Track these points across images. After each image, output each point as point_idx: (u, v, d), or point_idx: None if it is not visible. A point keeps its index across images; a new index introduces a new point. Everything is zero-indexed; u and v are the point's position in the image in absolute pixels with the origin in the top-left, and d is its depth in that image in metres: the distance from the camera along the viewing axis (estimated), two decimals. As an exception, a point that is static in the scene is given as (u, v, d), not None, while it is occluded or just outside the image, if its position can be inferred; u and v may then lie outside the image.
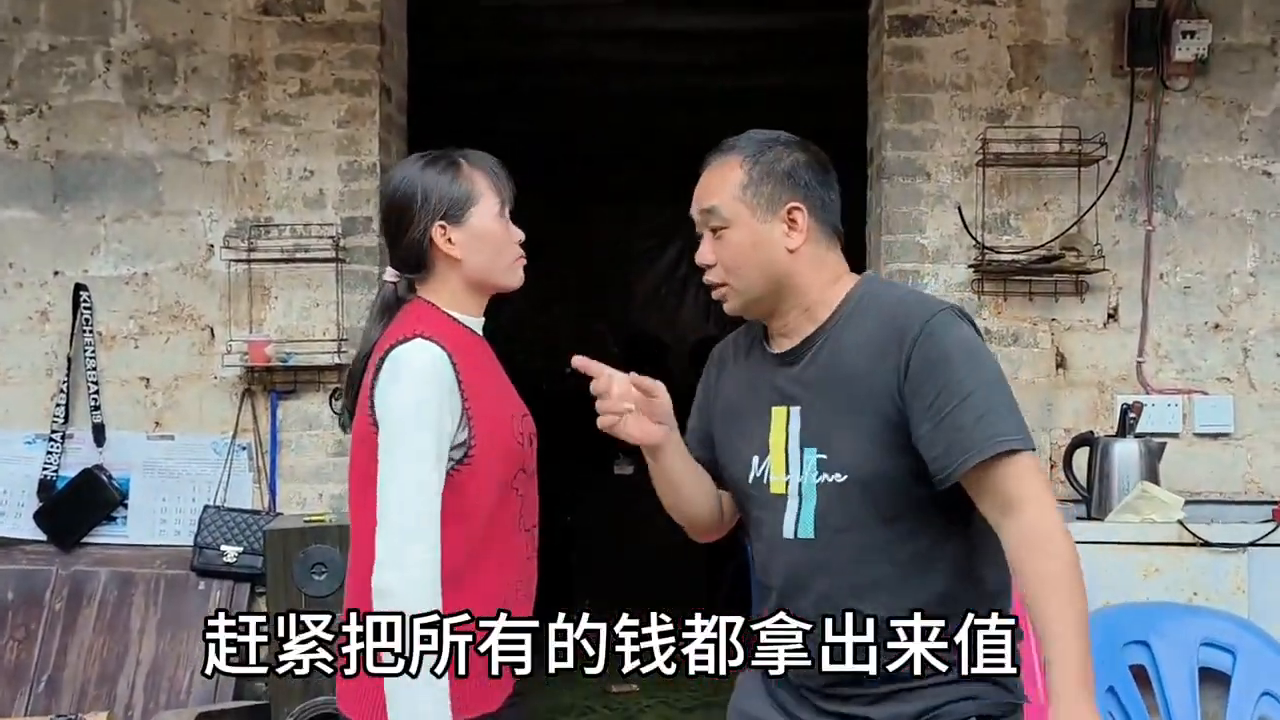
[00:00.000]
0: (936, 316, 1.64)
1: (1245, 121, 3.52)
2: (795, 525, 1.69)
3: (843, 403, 1.67)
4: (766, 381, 1.76)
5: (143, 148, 3.68)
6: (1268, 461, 3.50)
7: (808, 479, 1.68)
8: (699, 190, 1.76)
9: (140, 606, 3.54)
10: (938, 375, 1.60)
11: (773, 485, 1.72)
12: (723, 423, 1.83)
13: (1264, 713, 2.81)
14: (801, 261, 1.72)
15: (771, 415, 1.73)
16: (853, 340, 1.69)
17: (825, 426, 1.68)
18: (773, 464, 1.72)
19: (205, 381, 3.67)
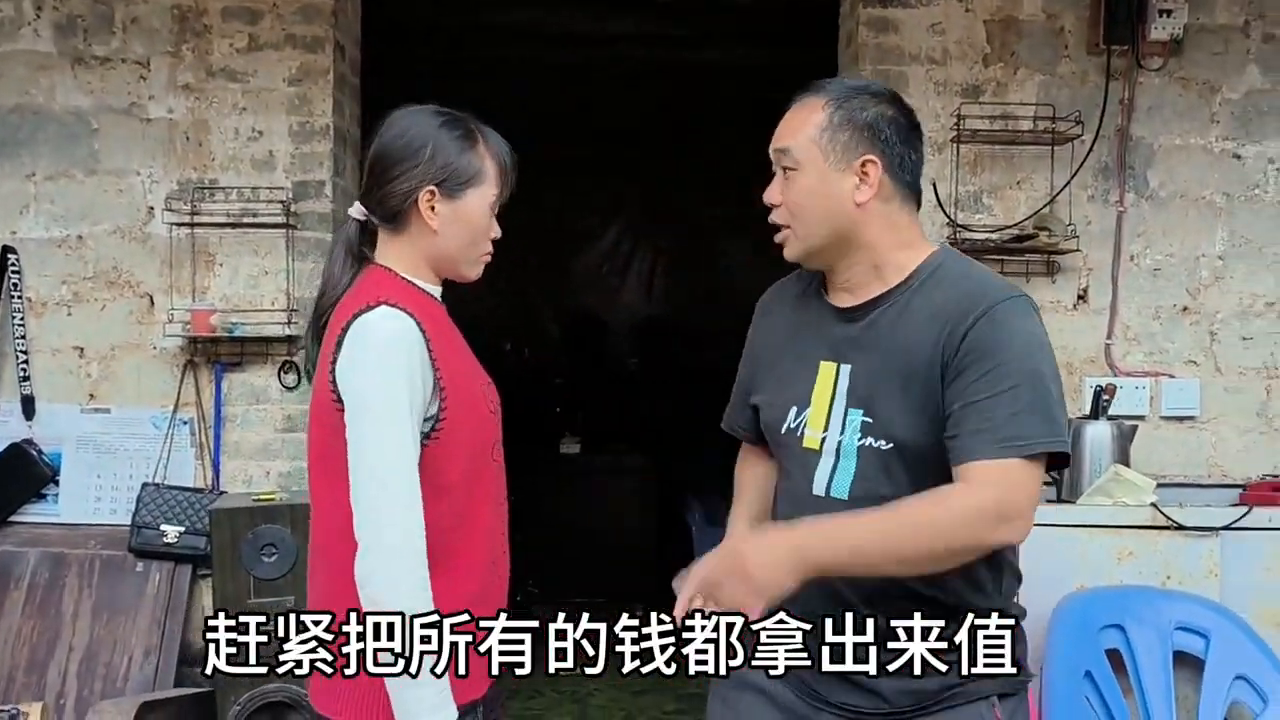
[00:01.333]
0: (1006, 302, 1.59)
1: (1217, 103, 3.50)
2: (828, 483, 1.66)
3: (898, 370, 1.62)
4: (819, 332, 1.72)
5: (77, 101, 3.45)
6: (1231, 446, 3.51)
7: (849, 439, 1.65)
8: (779, 128, 1.70)
9: (73, 589, 3.34)
10: (986, 360, 1.55)
11: (806, 439, 1.69)
12: (764, 367, 1.80)
13: (1237, 696, 2.80)
14: (869, 216, 1.65)
15: (819, 369, 1.69)
16: (922, 310, 1.63)
17: (875, 390, 1.64)
18: (810, 418, 1.69)
19: (144, 352, 3.47)
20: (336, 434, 1.64)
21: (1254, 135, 3.50)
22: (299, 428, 3.47)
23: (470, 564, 1.68)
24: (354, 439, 1.60)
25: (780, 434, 1.73)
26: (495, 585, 1.76)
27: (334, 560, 1.65)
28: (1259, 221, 3.51)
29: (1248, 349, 3.51)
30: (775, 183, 1.70)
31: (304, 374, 1.78)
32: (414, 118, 1.75)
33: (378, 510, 1.58)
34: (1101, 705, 2.78)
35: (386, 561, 1.57)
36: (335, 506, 1.65)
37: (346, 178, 3.63)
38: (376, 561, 1.57)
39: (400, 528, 1.58)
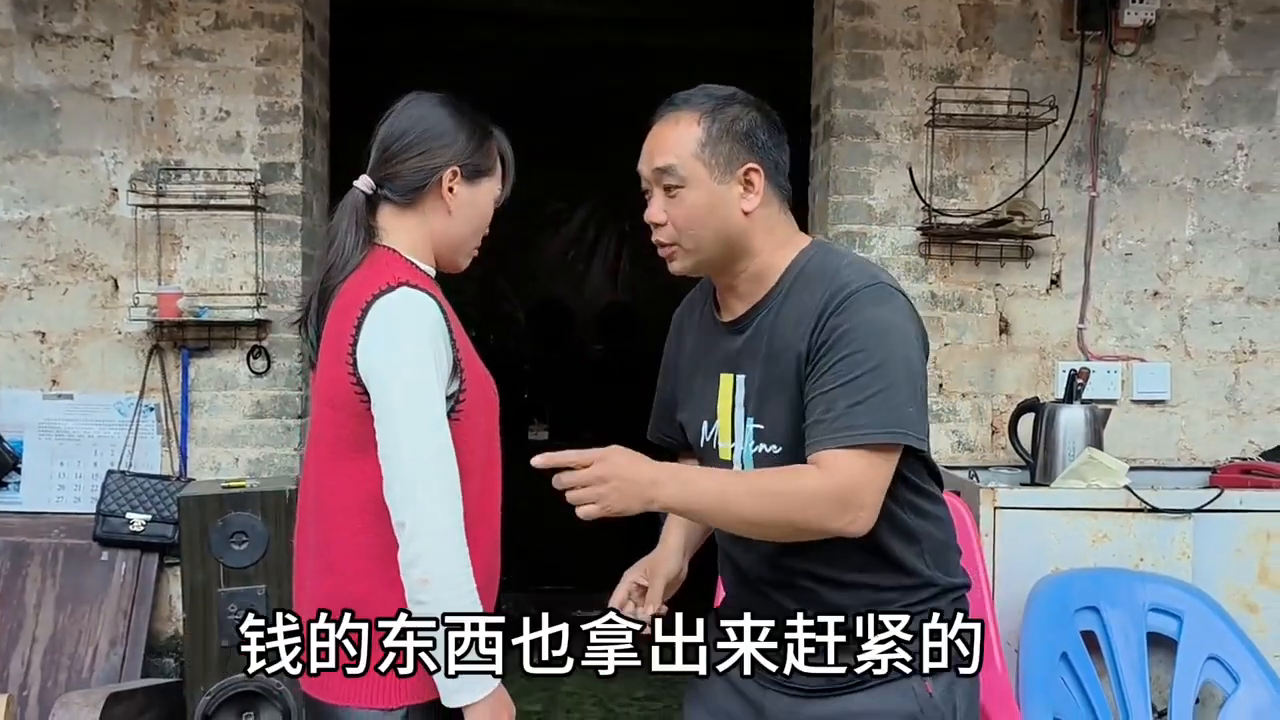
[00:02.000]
0: (860, 291, 1.59)
1: (1188, 89, 3.53)
2: None
3: (776, 374, 1.65)
4: (716, 346, 1.75)
5: (37, 80, 3.37)
6: (1200, 429, 3.55)
7: (746, 448, 1.68)
8: (652, 145, 1.69)
9: (36, 578, 3.27)
10: (838, 348, 1.57)
11: (721, 451, 1.72)
12: (680, 385, 1.84)
13: (1209, 676, 2.82)
14: (755, 224, 1.67)
15: (720, 381, 1.72)
16: (791, 312, 1.65)
17: (762, 397, 1.67)
18: (720, 430, 1.72)
19: (108, 337, 3.40)
20: (355, 418, 1.61)
21: (1224, 121, 3.53)
22: (268, 414, 3.42)
23: (481, 553, 1.66)
24: (388, 421, 1.58)
25: (700, 448, 1.77)
26: (496, 578, 1.75)
27: (348, 553, 1.63)
28: (1228, 207, 3.54)
29: (1216, 333, 3.55)
30: (656, 201, 1.68)
31: (312, 347, 1.73)
32: (437, 101, 1.76)
33: (426, 490, 1.57)
34: (1077, 686, 2.79)
35: (436, 542, 1.56)
36: (350, 491, 1.62)
37: (316, 160, 3.57)
38: (426, 543, 1.56)
39: (448, 508, 1.58)
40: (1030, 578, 2.92)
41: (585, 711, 4.10)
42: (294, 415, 3.43)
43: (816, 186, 3.68)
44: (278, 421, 3.42)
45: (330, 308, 1.68)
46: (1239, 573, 2.97)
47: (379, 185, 1.72)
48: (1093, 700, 2.77)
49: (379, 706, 1.62)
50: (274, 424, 3.42)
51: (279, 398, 3.42)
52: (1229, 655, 2.81)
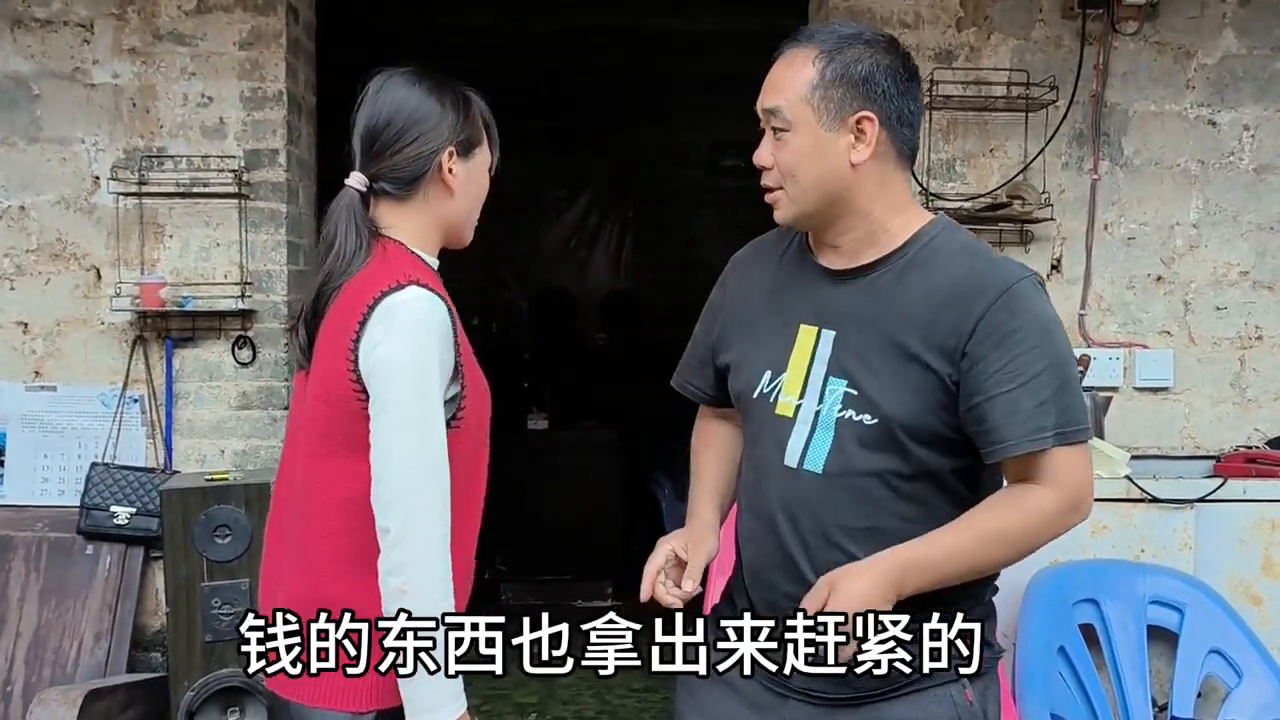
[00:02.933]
0: (1020, 283, 1.51)
1: (1192, 69, 3.44)
2: (801, 455, 1.56)
3: (890, 343, 1.52)
4: (803, 294, 1.61)
5: (16, 66, 3.31)
6: (1204, 416, 3.47)
7: (828, 410, 1.55)
8: (766, 84, 1.57)
9: (19, 573, 3.23)
10: (1007, 347, 1.48)
11: (779, 406, 1.59)
12: (736, 328, 1.69)
13: (1211, 669, 2.76)
14: (865, 178, 1.54)
15: (799, 332, 1.59)
16: (920, 282, 1.54)
17: (862, 361, 1.54)
18: (786, 384, 1.59)
19: (91, 327, 3.35)
20: (348, 416, 1.56)
21: (1229, 102, 3.45)
22: (254, 405, 3.37)
23: (459, 558, 1.60)
24: (384, 423, 1.52)
25: (751, 399, 1.62)
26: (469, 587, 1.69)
27: (325, 553, 1.58)
28: (1233, 190, 3.46)
29: (1221, 319, 3.47)
30: (765, 144, 1.58)
31: (300, 361, 1.67)
32: (412, 79, 1.67)
33: (417, 498, 1.51)
34: (1075, 680, 2.73)
35: (420, 552, 1.51)
36: (333, 489, 1.57)
37: (302, 146, 3.51)
38: (410, 552, 1.50)
39: (437, 518, 1.53)
40: (1028, 569, 2.85)
41: (583, 703, 4.05)
42: (280, 407, 3.38)
43: (812, 171, 3.61)
44: (264, 413, 3.37)
45: (331, 305, 1.62)
46: (1242, 564, 2.91)
47: (373, 180, 1.64)
48: (1091, 695, 2.72)
49: (348, 710, 1.57)
50: (260, 415, 3.37)
51: (265, 389, 3.37)
52: (1231, 649, 2.76)
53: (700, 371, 1.77)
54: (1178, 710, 2.71)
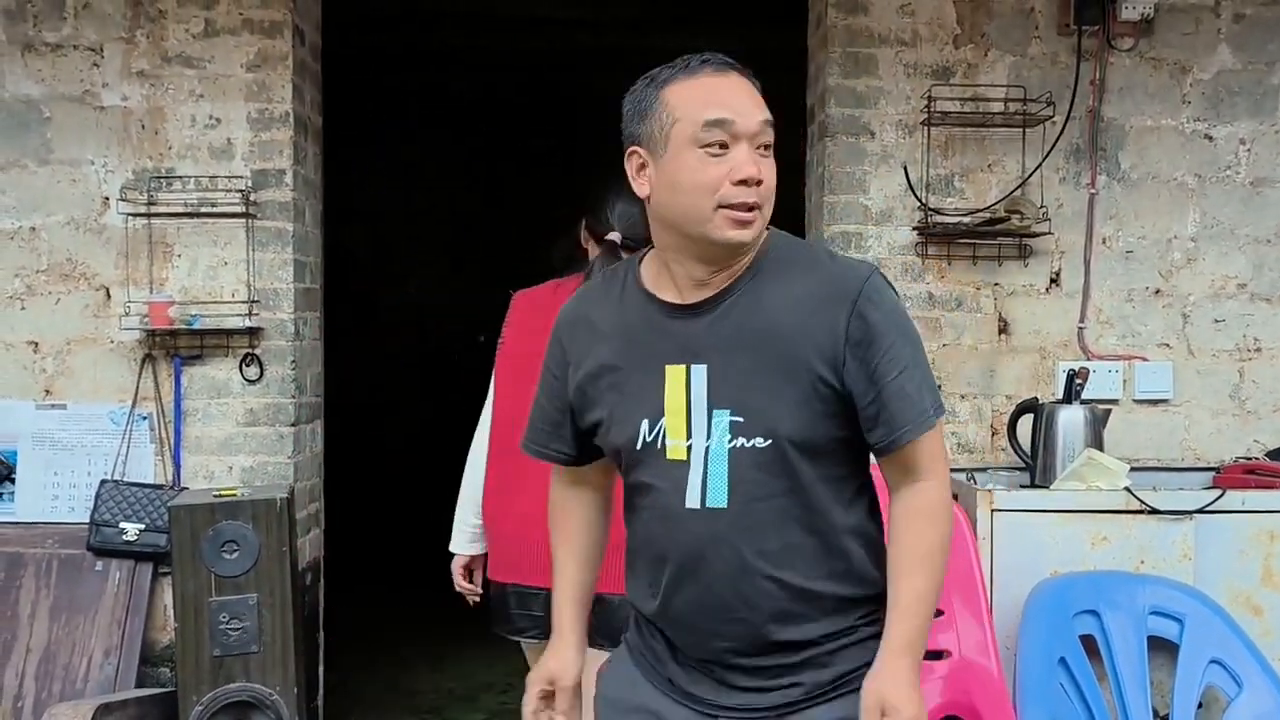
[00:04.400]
0: (873, 278, 1.58)
1: (1188, 84, 3.48)
2: (702, 493, 1.56)
3: (765, 361, 1.55)
4: (658, 335, 1.61)
5: (28, 90, 3.36)
6: (1204, 428, 3.49)
7: (717, 443, 1.55)
8: (748, 95, 1.56)
9: (30, 589, 3.26)
10: (881, 340, 1.55)
11: (669, 450, 1.58)
12: (596, 384, 1.65)
13: (1211, 680, 2.77)
14: None
15: (666, 374, 1.58)
16: (777, 295, 1.57)
17: (742, 386, 1.55)
18: (669, 427, 1.58)
19: (101, 346, 3.39)
20: None
21: (1225, 116, 3.48)
22: (261, 421, 3.40)
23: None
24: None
25: (636, 451, 1.61)
26: None
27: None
28: (1230, 203, 3.49)
29: (1220, 331, 3.49)
30: (752, 156, 1.54)
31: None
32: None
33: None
34: (1076, 692, 2.75)
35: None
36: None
37: (308, 166, 3.56)
38: None
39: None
40: (1028, 581, 2.88)
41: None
42: (287, 423, 3.41)
43: (812, 186, 3.64)
44: (271, 429, 3.41)
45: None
46: (1242, 575, 2.92)
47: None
48: (1092, 705, 2.73)
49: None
50: (267, 431, 3.41)
51: (272, 405, 3.41)
52: (1232, 659, 2.77)
53: (556, 435, 1.74)
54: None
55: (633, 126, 1.60)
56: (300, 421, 3.49)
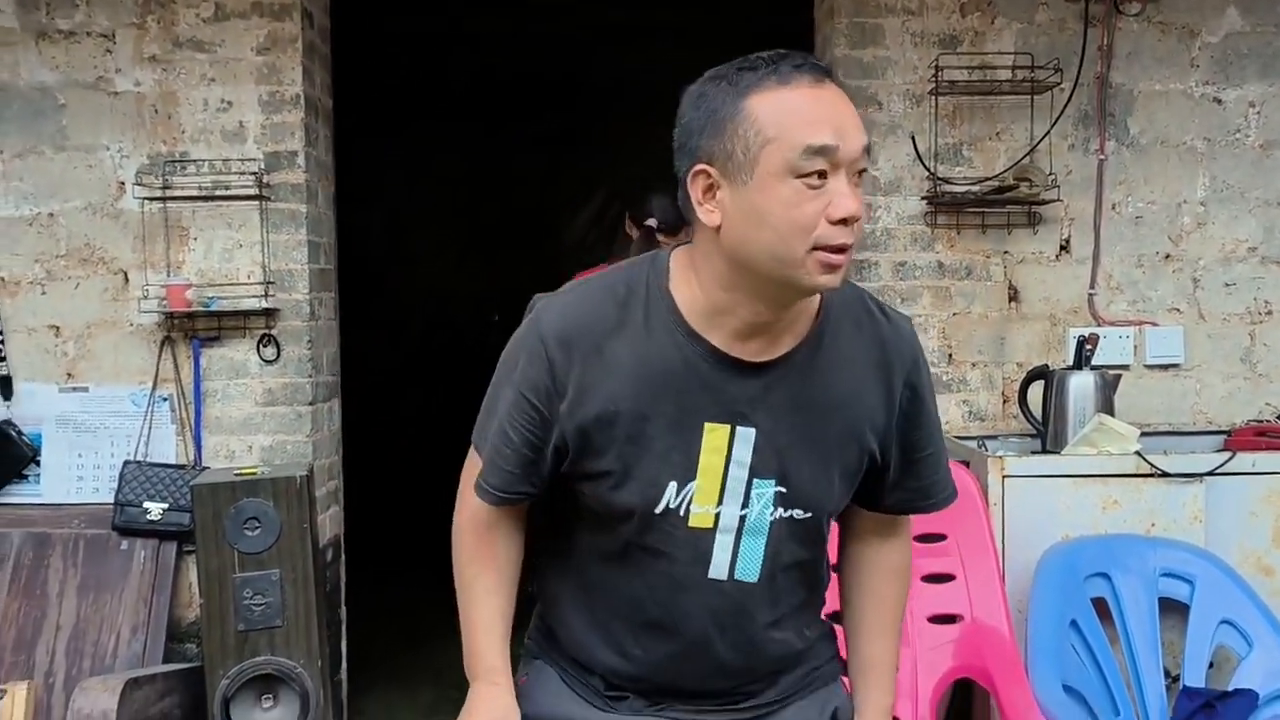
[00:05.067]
0: (917, 340, 1.51)
1: (1196, 47, 3.47)
2: (731, 565, 1.43)
3: (818, 429, 1.41)
4: (702, 386, 1.38)
5: (42, 77, 3.40)
6: (1216, 392, 3.50)
7: (759, 514, 1.41)
8: (850, 115, 1.31)
9: (58, 568, 3.32)
10: (924, 411, 1.51)
11: (694, 518, 1.41)
12: (608, 433, 1.40)
13: (1222, 640, 2.80)
14: None
15: (704, 432, 1.39)
16: (834, 359, 1.42)
17: (789, 455, 1.41)
18: (699, 492, 1.40)
19: (120, 329, 3.44)
20: None
21: (1234, 79, 3.47)
22: (279, 401, 3.45)
23: None
24: None
25: (653, 515, 1.41)
26: None
27: None
28: (1240, 166, 3.48)
29: (1230, 295, 3.50)
30: (855, 193, 1.31)
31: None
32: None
33: None
34: (1088, 653, 2.78)
35: None
36: None
37: (320, 147, 3.59)
38: None
39: None
40: (1040, 546, 2.91)
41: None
42: (305, 402, 3.46)
43: (820, 158, 3.65)
44: (289, 409, 3.46)
45: None
46: (1252, 536, 2.95)
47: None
48: (1104, 666, 2.76)
49: None
50: (285, 411, 3.46)
51: (289, 385, 3.45)
52: (1242, 619, 2.80)
53: (526, 478, 1.46)
54: (1189, 680, 2.74)
55: (701, 140, 1.32)
56: (317, 400, 3.54)
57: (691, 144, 1.34)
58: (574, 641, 1.53)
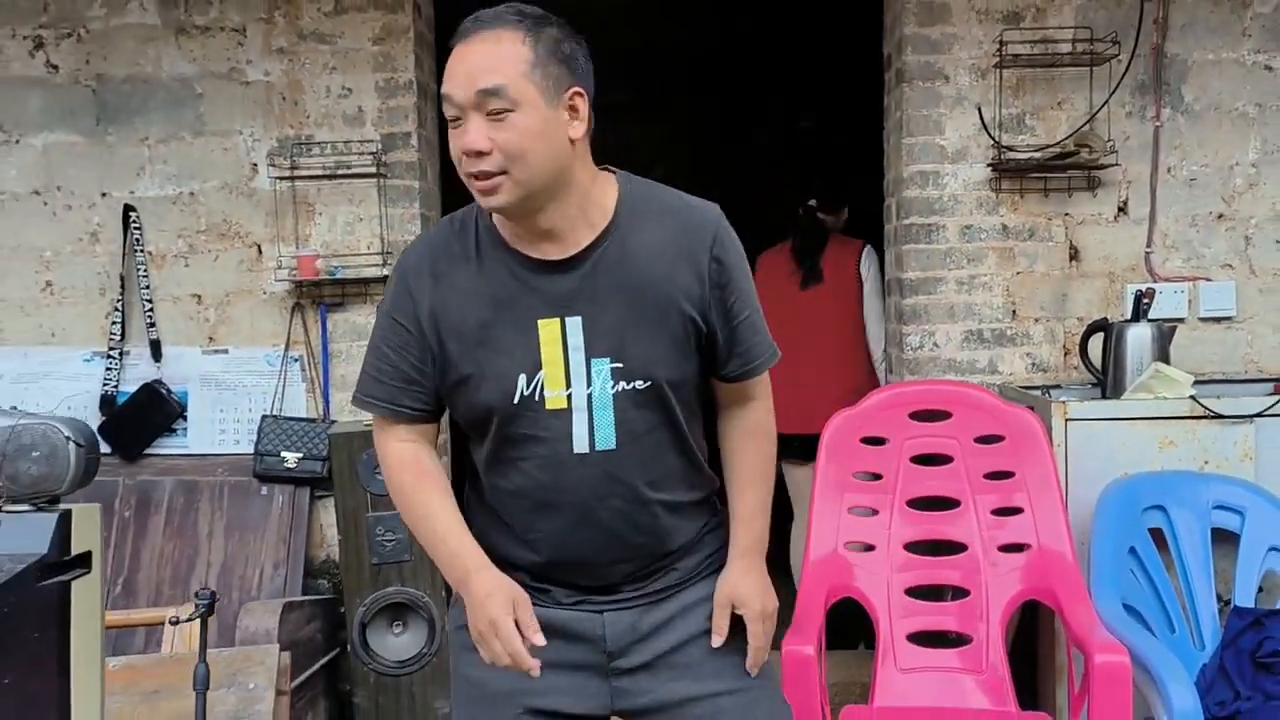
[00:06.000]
0: (722, 219, 1.73)
1: (1248, 18, 3.68)
2: (590, 438, 1.67)
3: (639, 309, 1.66)
4: (525, 289, 1.66)
5: (182, 69, 3.76)
6: (1267, 342, 3.73)
7: (601, 389, 1.66)
8: (473, 65, 1.56)
9: (206, 512, 3.71)
10: (735, 280, 1.73)
11: (549, 401, 1.66)
12: (461, 341, 1.67)
13: (1270, 566, 3.04)
14: (578, 152, 1.65)
15: (539, 329, 1.65)
16: (641, 244, 1.67)
17: (618, 335, 1.66)
18: (548, 378, 1.65)
19: (255, 297, 3.80)
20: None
21: (1284, 47, 3.68)
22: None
23: None
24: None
25: (513, 404, 1.66)
26: None
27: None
28: (1290, 130, 3.70)
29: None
30: (477, 128, 1.56)
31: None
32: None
33: None
34: (1145, 579, 3.03)
35: None
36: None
37: (429, 128, 3.91)
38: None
39: None
40: (1100, 483, 3.14)
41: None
42: (421, 361, 3.80)
43: (890, 130, 3.91)
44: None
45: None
46: (1299, 471, 3.17)
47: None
48: (1160, 590, 3.01)
49: None
50: (403, 369, 3.79)
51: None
52: (1289, 546, 3.03)
53: (409, 392, 1.72)
54: (1240, 601, 2.99)
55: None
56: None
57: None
58: (490, 547, 1.74)
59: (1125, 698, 2.49)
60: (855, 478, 3.14)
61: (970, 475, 3.09)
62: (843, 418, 3.19)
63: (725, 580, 1.82)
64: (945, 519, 3.08)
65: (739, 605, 1.79)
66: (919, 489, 3.11)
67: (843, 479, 3.12)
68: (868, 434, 3.17)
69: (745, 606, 1.79)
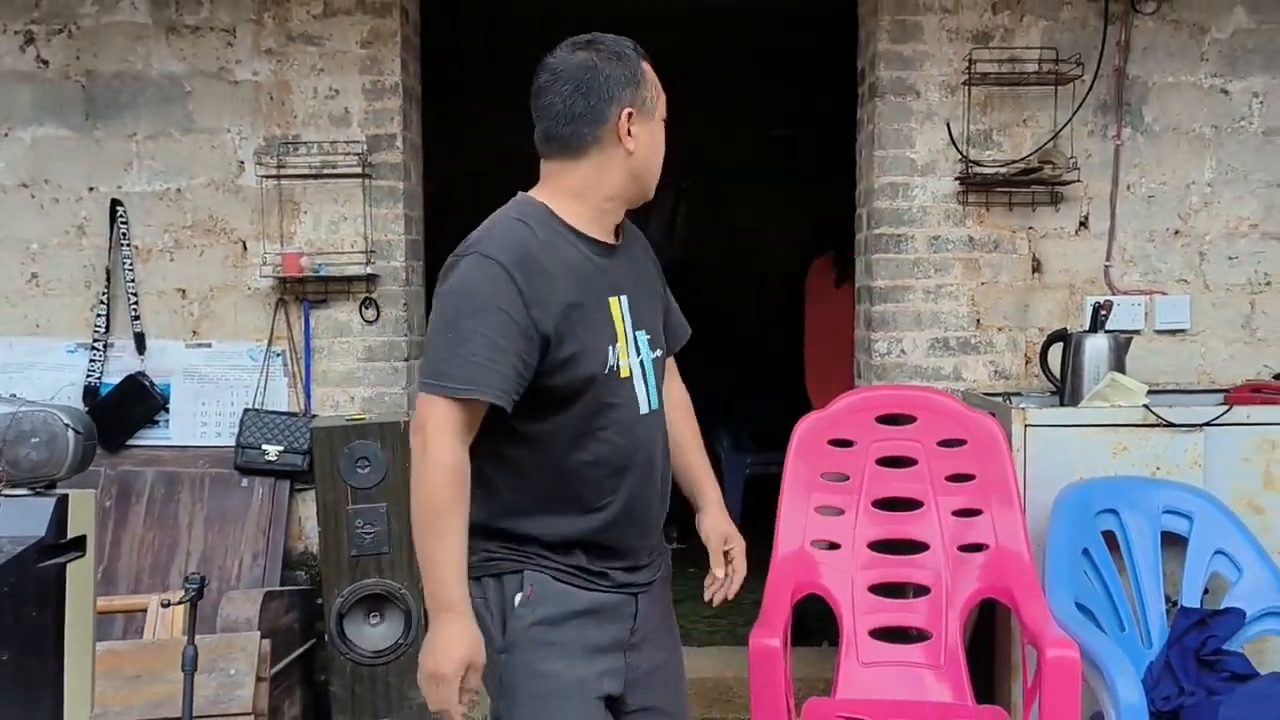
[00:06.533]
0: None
1: (1206, 43, 3.83)
2: (648, 400, 1.97)
3: (645, 289, 2.04)
4: (598, 272, 1.92)
5: (171, 67, 3.82)
6: (1219, 355, 3.88)
7: (647, 357, 1.98)
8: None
9: (187, 503, 3.77)
10: (662, 275, 2.18)
11: (621, 369, 1.92)
12: (569, 321, 1.84)
13: (1216, 568, 3.18)
14: None
15: (609, 305, 1.92)
16: (632, 238, 2.07)
17: (645, 310, 2.01)
18: (620, 350, 1.92)
19: (239, 292, 3.87)
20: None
21: (1240, 72, 3.83)
22: (378, 357, 3.88)
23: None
24: None
25: (603, 374, 1.88)
26: None
27: None
28: (1244, 151, 3.85)
29: (1234, 267, 3.87)
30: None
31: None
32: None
33: None
34: (1098, 579, 3.17)
35: None
36: None
37: (413, 130, 4.00)
38: None
39: None
40: (1056, 486, 3.28)
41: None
42: (400, 359, 3.89)
43: (863, 142, 4.04)
44: (386, 364, 3.89)
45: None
46: (1246, 479, 3.31)
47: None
48: (1111, 589, 3.15)
49: None
50: (383, 366, 3.89)
51: (387, 343, 3.88)
52: (1234, 549, 3.17)
53: (518, 383, 1.79)
54: (1186, 602, 3.14)
55: (624, 90, 1.88)
56: (411, 357, 3.96)
57: (616, 92, 1.88)
58: (547, 530, 1.89)
59: (1074, 691, 2.61)
60: (823, 478, 3.26)
61: (933, 477, 3.22)
62: (812, 420, 3.31)
63: (715, 524, 2.18)
64: (909, 519, 3.21)
65: (730, 541, 2.17)
66: (884, 490, 3.23)
67: (811, 479, 3.23)
68: (836, 436, 3.28)
69: (736, 542, 2.18)
